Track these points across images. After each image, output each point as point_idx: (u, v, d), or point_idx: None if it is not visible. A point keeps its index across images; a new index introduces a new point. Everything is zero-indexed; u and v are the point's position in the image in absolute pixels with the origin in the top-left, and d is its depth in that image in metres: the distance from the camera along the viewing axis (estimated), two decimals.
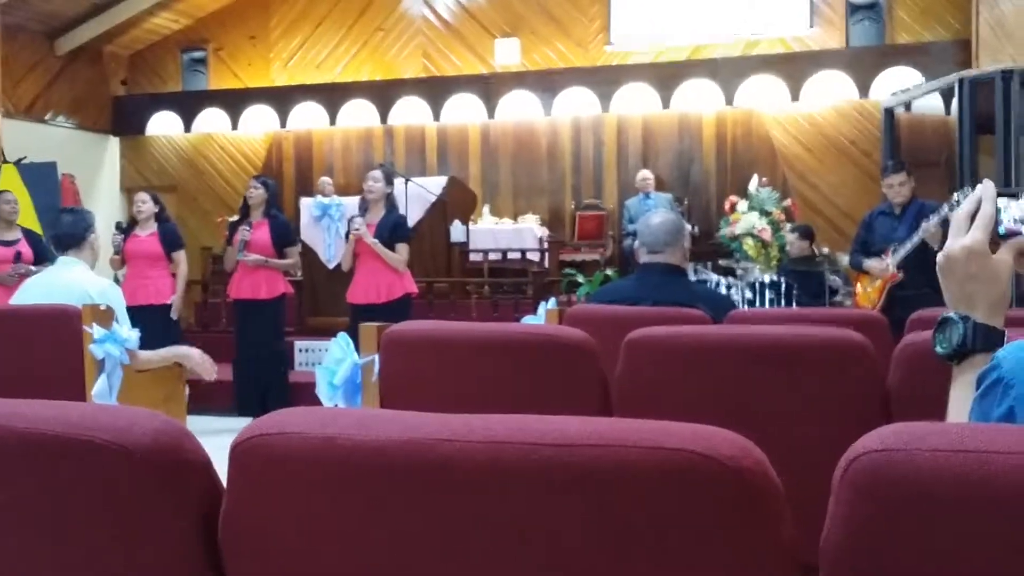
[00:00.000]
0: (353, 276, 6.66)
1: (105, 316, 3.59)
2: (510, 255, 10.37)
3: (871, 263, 6.15)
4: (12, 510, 1.15)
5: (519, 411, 1.01)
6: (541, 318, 3.71)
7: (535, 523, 0.94)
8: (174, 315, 7.01)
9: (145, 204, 6.94)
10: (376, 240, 6.39)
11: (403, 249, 6.51)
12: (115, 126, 13.31)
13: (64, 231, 4.07)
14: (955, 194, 5.51)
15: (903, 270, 5.83)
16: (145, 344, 3.91)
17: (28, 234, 7.07)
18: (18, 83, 11.73)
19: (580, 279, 9.46)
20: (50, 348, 3.64)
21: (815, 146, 11.04)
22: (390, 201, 6.65)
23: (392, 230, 6.50)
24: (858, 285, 6.38)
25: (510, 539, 0.95)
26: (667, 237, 3.57)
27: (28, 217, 8.40)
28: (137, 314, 6.36)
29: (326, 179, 11.73)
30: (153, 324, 6.44)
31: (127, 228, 7.09)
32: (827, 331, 2.29)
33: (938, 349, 1.25)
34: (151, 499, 1.08)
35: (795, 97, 10.87)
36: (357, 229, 6.41)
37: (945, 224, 5.71)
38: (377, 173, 6.63)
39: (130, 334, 3.65)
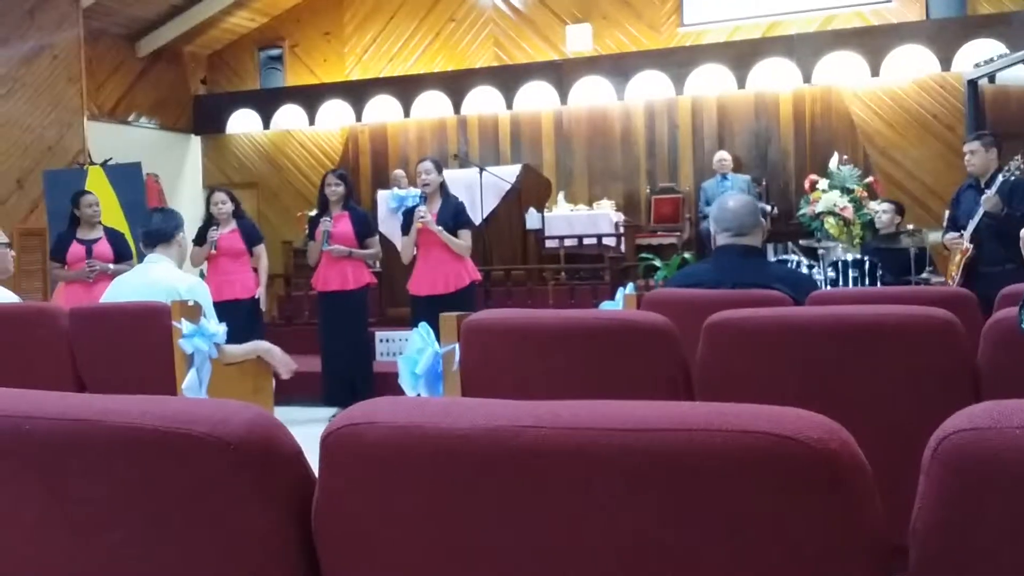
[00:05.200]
0: (414, 267, 6.70)
1: (193, 311, 3.66)
2: (586, 241, 10.31)
3: (947, 236, 6.01)
4: (111, 505, 1.16)
5: (600, 397, 1.01)
6: (619, 303, 3.68)
7: (621, 508, 0.94)
8: (263, 308, 7.14)
9: (225, 204, 7.07)
10: (441, 228, 6.43)
11: (466, 235, 6.55)
12: (196, 125, 13.58)
13: (154, 228, 4.17)
14: (1012, 161, 5.34)
15: (976, 244, 5.65)
16: (232, 338, 3.99)
17: (110, 233, 7.21)
18: (101, 86, 12.02)
19: (657, 263, 9.40)
20: (141, 344, 3.72)
21: (897, 121, 10.79)
22: (445, 189, 6.70)
23: (455, 217, 6.55)
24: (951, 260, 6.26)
25: (596, 524, 0.95)
26: (750, 219, 3.54)
27: (115, 217, 8.60)
28: (223, 309, 6.53)
29: (399, 171, 11.80)
30: (239, 318, 6.57)
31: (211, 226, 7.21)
32: (913, 309, 2.23)
33: None
34: (247, 490, 1.10)
35: (875, 72, 10.62)
36: (423, 217, 6.44)
37: (1002, 192, 5.54)
38: (428, 164, 6.66)
39: (218, 328, 3.72)
